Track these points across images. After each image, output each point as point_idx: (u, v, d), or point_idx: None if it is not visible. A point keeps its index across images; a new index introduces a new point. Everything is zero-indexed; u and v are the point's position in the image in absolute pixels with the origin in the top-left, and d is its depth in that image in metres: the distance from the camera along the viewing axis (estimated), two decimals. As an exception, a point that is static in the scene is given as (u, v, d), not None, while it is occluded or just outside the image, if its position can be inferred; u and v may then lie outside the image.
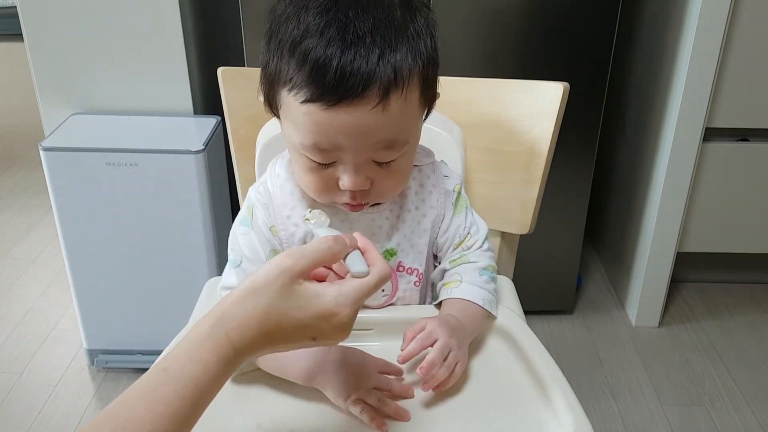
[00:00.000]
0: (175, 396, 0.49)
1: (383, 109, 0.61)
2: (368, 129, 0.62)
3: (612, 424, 1.40)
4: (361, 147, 0.63)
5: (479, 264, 0.77)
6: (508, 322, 0.73)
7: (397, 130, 0.64)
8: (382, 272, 0.57)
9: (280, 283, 0.53)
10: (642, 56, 1.69)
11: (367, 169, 0.66)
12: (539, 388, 0.65)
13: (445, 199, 0.77)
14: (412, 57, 0.62)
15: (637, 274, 1.70)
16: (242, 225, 0.74)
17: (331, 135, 0.62)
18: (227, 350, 0.52)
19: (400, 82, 0.61)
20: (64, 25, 1.36)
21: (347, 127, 0.61)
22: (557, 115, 0.89)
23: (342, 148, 0.63)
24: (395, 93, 0.61)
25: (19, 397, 1.45)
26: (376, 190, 0.68)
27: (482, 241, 0.79)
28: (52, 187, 1.32)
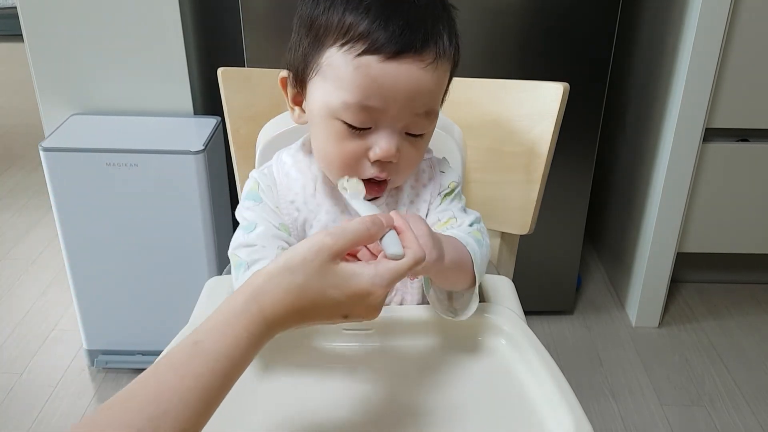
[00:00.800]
0: (206, 370, 0.49)
1: (434, 70, 0.63)
2: (419, 88, 0.63)
3: (612, 424, 1.40)
4: (407, 108, 0.64)
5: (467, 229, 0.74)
6: (508, 322, 0.73)
7: (436, 98, 0.66)
8: (417, 255, 0.56)
9: (319, 262, 0.53)
10: (642, 56, 1.69)
11: (399, 139, 0.66)
12: (539, 388, 0.65)
13: (437, 194, 0.77)
14: (450, 37, 0.66)
15: (637, 275, 1.70)
16: (248, 199, 0.74)
17: (383, 90, 0.62)
18: (260, 326, 0.52)
19: (448, 50, 0.64)
20: (64, 25, 1.36)
21: (402, 82, 0.62)
22: (557, 115, 0.89)
23: (386, 109, 0.63)
24: (444, 58, 0.64)
25: (19, 398, 1.45)
26: (399, 166, 0.68)
27: (470, 222, 0.75)
28: (52, 187, 1.32)
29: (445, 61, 0.65)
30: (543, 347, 0.69)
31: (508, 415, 0.64)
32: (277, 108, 0.93)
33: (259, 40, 1.37)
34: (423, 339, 0.72)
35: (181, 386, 0.48)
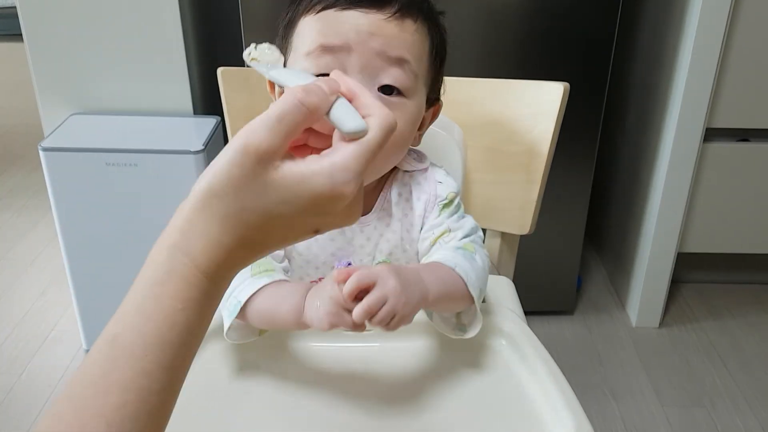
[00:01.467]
0: (135, 374, 0.36)
1: (398, 23, 0.63)
2: (381, 32, 0.63)
3: (612, 424, 1.40)
4: (371, 52, 0.62)
5: (457, 244, 0.70)
6: (508, 322, 0.73)
7: (410, 50, 0.64)
8: (386, 122, 0.43)
9: (248, 173, 0.39)
10: (642, 56, 1.69)
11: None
12: (539, 388, 0.65)
13: (433, 205, 0.73)
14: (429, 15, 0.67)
15: (637, 275, 1.70)
16: None
17: (342, 32, 0.62)
18: (198, 285, 0.39)
19: (414, 13, 0.64)
20: (64, 25, 1.36)
21: (359, 24, 0.62)
22: (557, 115, 0.89)
23: (350, 48, 0.62)
24: (410, 17, 0.64)
25: (18, 398, 1.45)
26: None
27: (463, 235, 0.72)
28: (51, 187, 1.32)
29: (415, 17, 0.65)
30: (543, 347, 0.69)
31: (508, 415, 0.64)
32: (276, 108, 0.93)
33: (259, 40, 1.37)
34: (423, 339, 0.72)
35: (106, 409, 0.34)
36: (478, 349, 0.72)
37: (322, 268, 0.73)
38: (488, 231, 1.01)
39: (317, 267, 0.73)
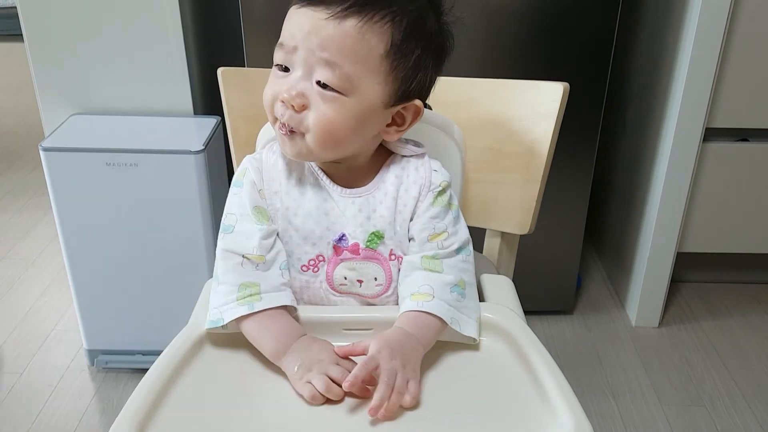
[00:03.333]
0: None
1: (335, 24, 0.66)
2: (317, 33, 0.67)
3: (612, 424, 1.40)
4: (307, 49, 0.68)
5: (450, 279, 0.74)
6: (508, 322, 0.73)
7: (341, 54, 0.67)
8: None
9: None
10: (642, 56, 1.69)
11: (307, 87, 0.69)
12: (539, 388, 0.65)
13: (427, 191, 0.76)
14: (395, 14, 0.68)
15: (637, 275, 1.70)
16: (234, 186, 0.77)
17: (292, 31, 0.69)
18: None
19: (364, 11, 0.67)
20: (64, 25, 1.36)
21: (303, 24, 0.68)
22: (557, 115, 0.89)
23: (294, 47, 0.69)
24: (354, 18, 0.67)
25: (19, 397, 1.45)
26: (305, 119, 0.69)
27: (459, 246, 0.76)
28: (52, 187, 1.32)
29: (361, 19, 0.67)
30: (543, 347, 0.69)
31: (507, 414, 0.64)
32: (277, 108, 0.93)
33: (259, 40, 1.37)
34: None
35: None
36: (478, 348, 0.72)
37: (318, 244, 0.75)
38: (488, 231, 1.01)
39: (314, 243, 0.75)
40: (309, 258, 0.75)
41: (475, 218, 0.97)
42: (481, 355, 0.71)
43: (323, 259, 0.75)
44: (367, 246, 0.75)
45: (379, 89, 0.70)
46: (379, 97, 0.70)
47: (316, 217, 0.75)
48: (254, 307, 0.70)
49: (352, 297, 0.77)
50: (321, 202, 0.75)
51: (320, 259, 0.75)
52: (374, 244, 0.75)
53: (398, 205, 0.76)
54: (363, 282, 0.76)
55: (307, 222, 0.75)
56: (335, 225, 0.75)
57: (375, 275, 0.76)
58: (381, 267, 0.75)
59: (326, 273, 0.76)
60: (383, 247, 0.75)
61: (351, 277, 0.75)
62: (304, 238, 0.75)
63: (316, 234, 0.75)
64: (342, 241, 0.75)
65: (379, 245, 0.75)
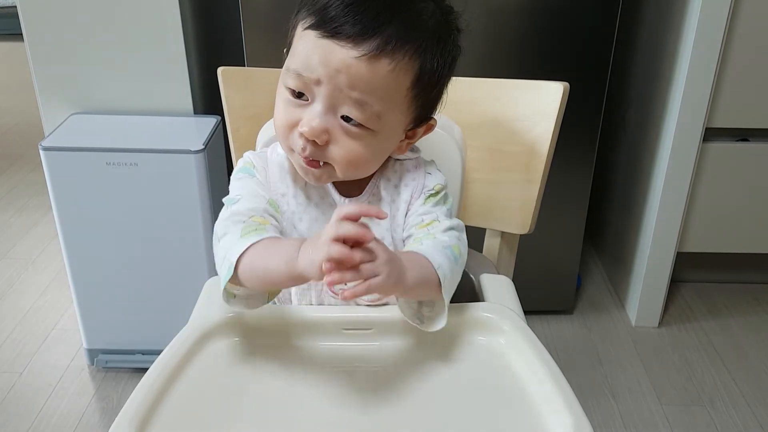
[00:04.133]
0: None
1: (368, 64, 0.63)
2: (348, 71, 0.64)
3: (612, 424, 1.40)
4: (336, 87, 0.64)
5: (445, 240, 0.72)
6: (508, 322, 0.73)
7: (373, 93, 0.65)
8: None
9: None
10: (642, 56, 1.69)
11: (331, 122, 0.67)
12: (539, 388, 0.65)
13: (419, 194, 0.76)
14: (422, 46, 0.65)
15: (637, 274, 1.70)
16: (241, 172, 0.76)
17: (315, 62, 0.64)
18: None
19: (396, 51, 0.64)
20: (64, 25, 1.36)
21: (332, 60, 0.64)
22: (557, 115, 0.89)
23: (320, 81, 0.65)
24: (386, 57, 0.64)
25: (19, 397, 1.45)
26: (329, 152, 0.68)
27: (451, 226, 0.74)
28: (52, 187, 1.32)
29: (392, 58, 0.64)
30: (543, 347, 0.69)
31: (508, 415, 0.64)
32: (277, 108, 0.93)
33: (259, 40, 1.37)
34: (422, 339, 0.72)
35: None
36: (478, 348, 0.72)
37: None
38: (488, 231, 1.01)
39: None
40: None
41: (475, 218, 0.97)
42: (482, 355, 0.71)
43: None
44: None
45: (402, 118, 0.70)
46: (402, 125, 0.71)
47: (321, 223, 0.75)
48: (263, 234, 0.67)
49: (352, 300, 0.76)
50: (327, 208, 0.75)
51: None
52: None
53: (392, 209, 0.76)
54: None
55: (313, 227, 0.75)
56: None
57: None
58: None
59: None
60: None
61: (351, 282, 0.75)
62: None
63: None
64: None
65: None
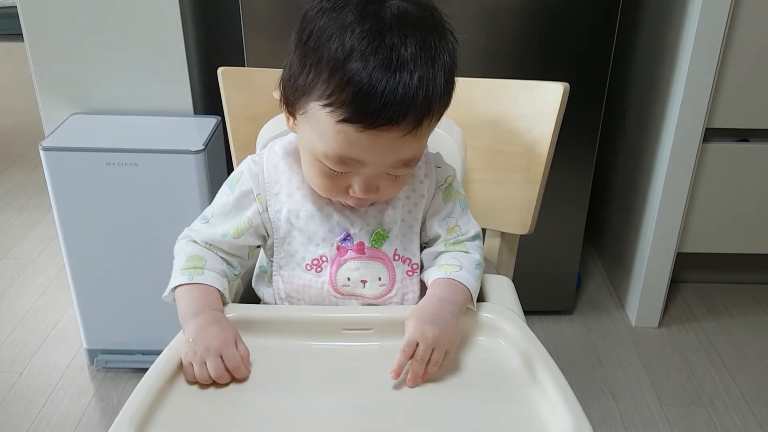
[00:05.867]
0: None
1: (414, 135, 0.64)
2: (396, 150, 0.65)
3: (612, 424, 1.40)
4: (384, 164, 0.67)
5: (477, 258, 0.78)
6: (508, 322, 0.73)
7: (418, 149, 0.68)
8: None
9: None
10: (642, 56, 1.69)
11: (379, 179, 0.69)
12: (539, 388, 0.65)
13: (435, 189, 0.79)
14: (442, 83, 0.65)
15: (637, 275, 1.70)
16: (226, 185, 0.79)
17: (360, 151, 0.65)
18: None
19: (433, 111, 0.65)
20: (64, 25, 1.36)
21: (378, 146, 0.64)
22: (557, 115, 0.89)
23: (365, 163, 0.66)
24: (427, 120, 0.65)
25: (18, 397, 1.45)
26: (380, 194, 0.71)
27: (475, 233, 0.80)
28: (52, 187, 1.32)
29: (432, 117, 0.66)
30: (543, 347, 0.69)
31: (508, 415, 0.64)
32: (277, 108, 0.93)
33: (259, 40, 1.37)
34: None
35: None
36: (478, 348, 0.72)
37: (322, 245, 0.76)
38: (488, 231, 1.01)
39: (317, 244, 0.76)
40: (312, 257, 0.76)
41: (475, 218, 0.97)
42: (481, 355, 0.72)
43: (326, 259, 0.76)
44: (372, 245, 0.75)
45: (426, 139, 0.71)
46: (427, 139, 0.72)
47: (319, 218, 0.75)
48: (193, 278, 0.74)
49: (354, 299, 0.77)
50: (325, 204, 0.75)
51: (323, 260, 0.76)
52: (379, 243, 0.76)
53: (407, 205, 0.77)
54: (367, 282, 0.76)
55: (310, 223, 0.75)
56: (339, 226, 0.75)
57: (379, 275, 0.76)
58: (385, 267, 0.76)
59: (329, 274, 0.75)
60: (388, 246, 0.76)
61: (354, 278, 0.76)
62: (308, 238, 0.76)
63: (320, 235, 0.75)
64: (347, 240, 0.75)
65: (383, 244, 0.76)
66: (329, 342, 0.72)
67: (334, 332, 0.72)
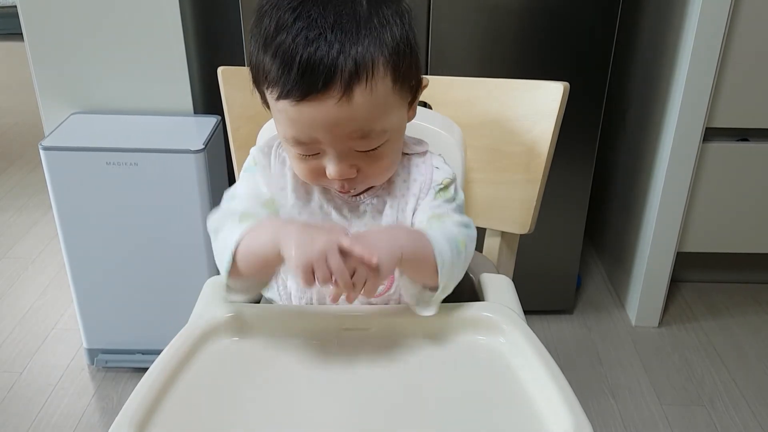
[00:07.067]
0: None
1: (348, 102, 0.63)
2: (336, 122, 0.64)
3: (612, 423, 1.40)
4: (335, 138, 0.66)
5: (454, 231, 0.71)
6: (508, 322, 0.73)
7: (368, 120, 0.65)
8: None
9: None
10: (642, 56, 1.69)
11: (350, 158, 0.68)
12: (539, 388, 0.65)
13: (428, 188, 0.76)
14: (376, 48, 0.64)
15: (637, 274, 1.70)
16: (245, 171, 0.77)
17: (305, 129, 0.65)
18: None
19: (363, 75, 0.63)
20: (64, 25, 1.36)
21: (317, 121, 0.64)
22: (557, 115, 0.89)
23: (318, 140, 0.66)
24: (359, 86, 0.63)
25: (19, 397, 1.45)
26: (363, 177, 0.70)
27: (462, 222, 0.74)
28: (52, 186, 1.32)
29: (365, 82, 0.63)
30: (543, 347, 0.69)
31: (508, 415, 0.64)
32: (277, 107, 0.93)
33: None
34: (422, 339, 0.72)
35: None
36: (478, 348, 0.72)
37: None
38: (488, 231, 1.01)
39: None
40: None
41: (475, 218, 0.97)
42: (482, 355, 0.71)
43: None
44: None
45: (401, 110, 0.70)
46: (404, 112, 0.71)
47: (320, 218, 0.75)
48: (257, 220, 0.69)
49: None
50: (326, 203, 0.75)
51: None
52: None
53: (400, 204, 0.76)
54: None
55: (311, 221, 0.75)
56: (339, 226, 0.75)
57: None
58: None
59: None
60: None
61: None
62: None
63: None
64: None
65: None
66: (329, 342, 0.72)
67: (334, 332, 0.72)
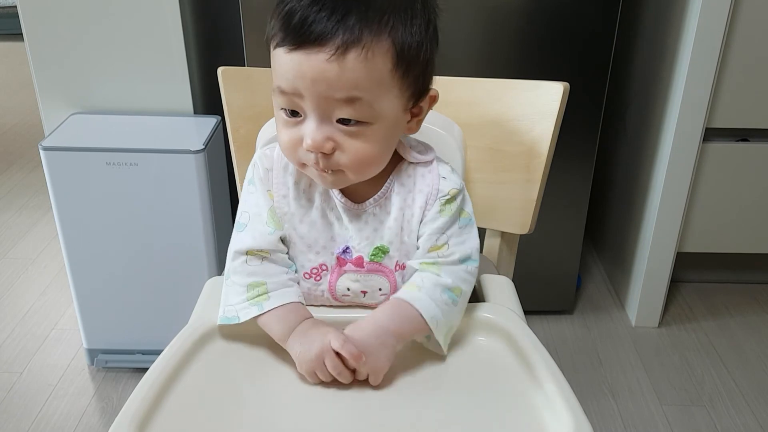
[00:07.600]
0: None
1: (339, 61, 0.63)
2: (323, 77, 0.63)
3: (612, 424, 1.40)
4: (319, 96, 0.64)
5: (447, 282, 0.72)
6: (508, 322, 0.73)
7: (356, 87, 0.64)
8: None
9: None
10: (642, 56, 1.69)
11: (330, 130, 0.67)
12: (539, 388, 0.65)
13: (434, 200, 0.74)
14: (385, 22, 0.64)
15: (637, 274, 1.70)
16: (248, 184, 0.77)
17: (291, 78, 0.65)
18: None
19: (362, 40, 0.63)
20: (64, 25, 1.36)
21: (303, 71, 0.64)
22: (557, 115, 0.89)
23: (302, 94, 0.65)
24: (354, 49, 0.63)
25: (18, 397, 1.45)
26: (338, 157, 0.68)
27: (461, 257, 0.74)
28: (52, 187, 1.32)
29: (362, 47, 0.63)
30: (543, 347, 0.69)
31: (508, 415, 0.64)
32: (277, 108, 0.93)
33: (259, 40, 1.36)
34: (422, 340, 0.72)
35: None
36: (478, 348, 0.72)
37: (322, 253, 0.75)
38: (488, 231, 1.01)
39: (317, 252, 0.75)
40: (312, 266, 0.75)
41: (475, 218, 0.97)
42: (481, 355, 0.71)
43: (326, 268, 0.75)
44: (371, 260, 0.74)
45: (397, 101, 0.68)
46: (400, 106, 0.69)
47: (321, 226, 0.74)
48: (263, 307, 0.71)
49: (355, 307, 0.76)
50: (328, 211, 0.74)
51: (323, 269, 0.75)
52: (379, 258, 0.74)
53: (405, 215, 0.74)
54: (367, 293, 0.75)
55: (312, 231, 0.74)
56: (340, 236, 0.74)
57: (379, 286, 0.75)
58: (386, 279, 0.75)
59: (329, 283, 0.75)
60: (388, 260, 0.74)
61: (355, 289, 0.75)
62: (308, 246, 0.74)
63: (320, 243, 0.74)
64: (346, 253, 0.74)
65: (384, 258, 0.74)
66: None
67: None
